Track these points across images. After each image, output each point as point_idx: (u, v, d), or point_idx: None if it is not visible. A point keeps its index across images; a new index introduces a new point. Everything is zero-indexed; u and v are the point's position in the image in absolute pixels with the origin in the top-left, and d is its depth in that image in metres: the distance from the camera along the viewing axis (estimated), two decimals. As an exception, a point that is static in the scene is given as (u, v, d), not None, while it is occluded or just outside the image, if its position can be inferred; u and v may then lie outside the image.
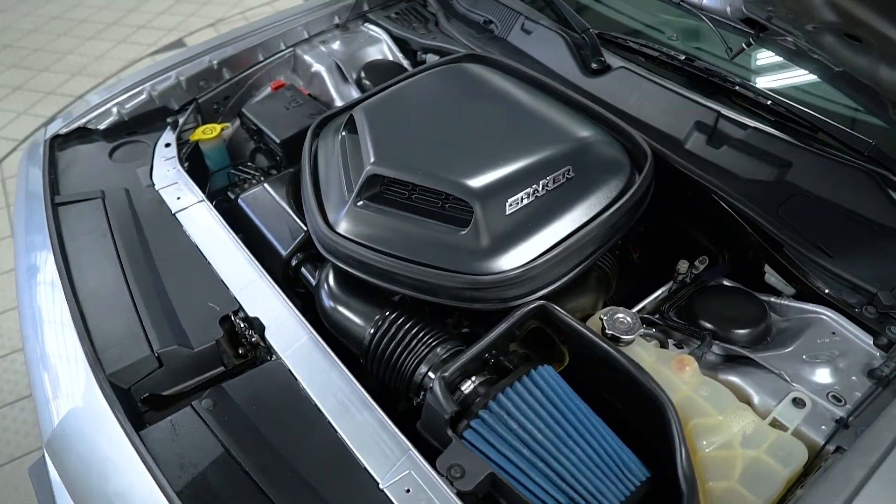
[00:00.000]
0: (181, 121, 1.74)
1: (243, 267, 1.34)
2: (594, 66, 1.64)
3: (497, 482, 1.00)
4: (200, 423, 1.08)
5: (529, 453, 1.02)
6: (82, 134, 1.73)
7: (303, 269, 1.38)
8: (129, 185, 1.56)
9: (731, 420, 1.04)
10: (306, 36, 2.01)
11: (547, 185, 1.21)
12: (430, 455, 1.05)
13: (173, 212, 1.48)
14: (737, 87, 1.49)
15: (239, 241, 1.39)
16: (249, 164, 1.77)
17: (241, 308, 1.26)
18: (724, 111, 1.45)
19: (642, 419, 1.09)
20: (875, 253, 1.25)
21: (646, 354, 1.14)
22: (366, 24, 2.06)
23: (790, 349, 1.16)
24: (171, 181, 1.56)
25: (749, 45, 1.30)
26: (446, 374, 1.06)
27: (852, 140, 1.34)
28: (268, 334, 1.21)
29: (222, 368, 1.22)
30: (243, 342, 1.26)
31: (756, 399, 1.10)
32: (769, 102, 1.44)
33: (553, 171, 1.22)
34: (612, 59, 1.64)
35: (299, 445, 1.06)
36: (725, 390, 1.09)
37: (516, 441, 1.03)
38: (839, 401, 1.07)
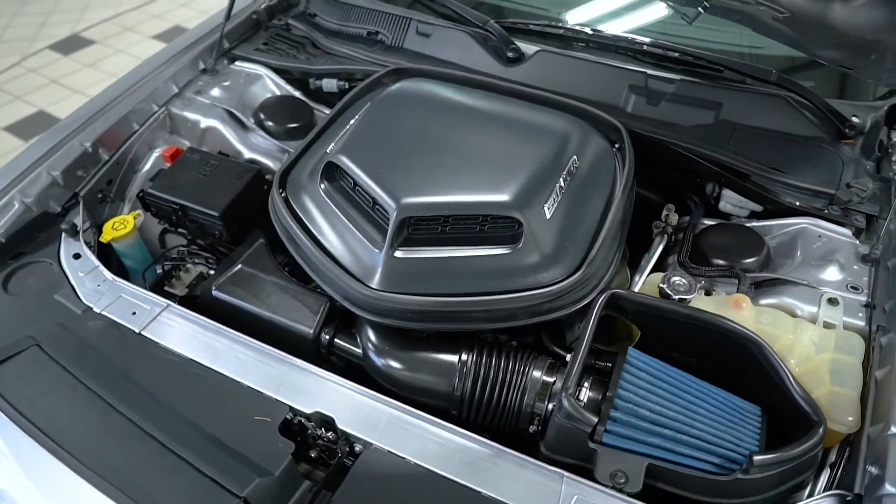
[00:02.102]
0: (78, 222, 1.43)
1: (264, 362, 1.17)
2: (510, 55, 1.67)
3: (654, 470, 1.03)
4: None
5: (670, 432, 1.06)
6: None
7: (337, 342, 1.23)
8: (56, 319, 1.25)
9: (799, 336, 1.18)
10: (176, 90, 1.74)
11: (566, 180, 1.23)
12: (576, 474, 1.03)
13: (137, 331, 1.23)
14: (645, 47, 1.63)
15: (239, 334, 1.20)
16: (181, 248, 1.52)
17: (292, 408, 1.10)
18: (650, 71, 1.58)
19: (728, 365, 1.18)
20: (812, 161, 1.47)
21: (707, 306, 1.23)
22: (236, 63, 1.85)
23: (797, 261, 1.33)
24: (111, 297, 1.28)
25: (706, 8, 1.42)
26: (570, 390, 1.04)
27: (756, 71, 1.55)
28: (341, 424, 1.08)
29: (308, 483, 1.06)
30: (315, 444, 1.10)
31: (800, 311, 1.25)
32: (677, 55, 1.60)
33: (565, 166, 1.24)
34: (523, 46, 1.69)
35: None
36: (780, 313, 1.22)
37: (653, 426, 1.06)
38: (857, 289, 1.26)
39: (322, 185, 1.26)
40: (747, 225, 1.44)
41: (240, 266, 1.30)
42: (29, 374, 1.14)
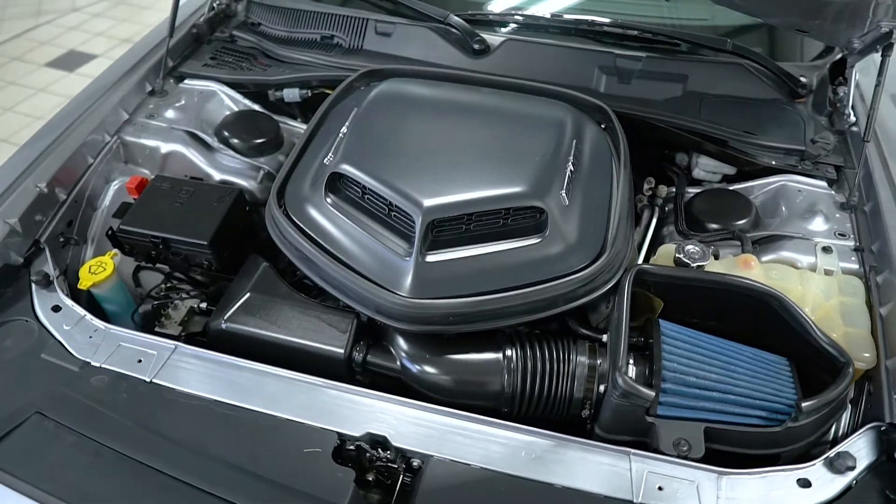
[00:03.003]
0: (49, 271, 1.29)
1: (296, 391, 1.11)
2: (476, 47, 1.66)
3: (710, 433, 1.06)
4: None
5: (717, 394, 1.10)
6: None
7: (371, 359, 1.18)
8: (51, 381, 1.13)
9: (807, 286, 1.25)
10: (126, 116, 1.61)
11: (573, 164, 1.24)
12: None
13: (149, 380, 1.13)
14: (605, 28, 1.67)
15: (262, 365, 1.14)
16: (171, 283, 1.40)
17: (339, 434, 1.05)
18: (617, 51, 1.62)
19: (746, 323, 1.23)
20: (777, 121, 1.56)
21: (718, 269, 1.28)
22: (185, 81, 1.73)
23: (783, 217, 1.41)
24: (109, 347, 1.17)
25: None
26: (623, 369, 1.06)
27: (712, 42, 1.63)
28: (395, 442, 1.04)
29: None
30: (372, 467, 1.06)
31: (799, 263, 1.32)
32: (636, 33, 1.65)
33: (569, 151, 1.25)
34: (487, 37, 1.68)
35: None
36: (785, 267, 1.29)
37: (700, 391, 1.09)
38: (844, 235, 1.35)
39: (329, 199, 1.20)
40: (730, 188, 1.51)
41: (249, 294, 1.22)
42: (39, 447, 1.02)
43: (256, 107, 1.72)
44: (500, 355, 1.13)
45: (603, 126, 1.45)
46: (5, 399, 1.09)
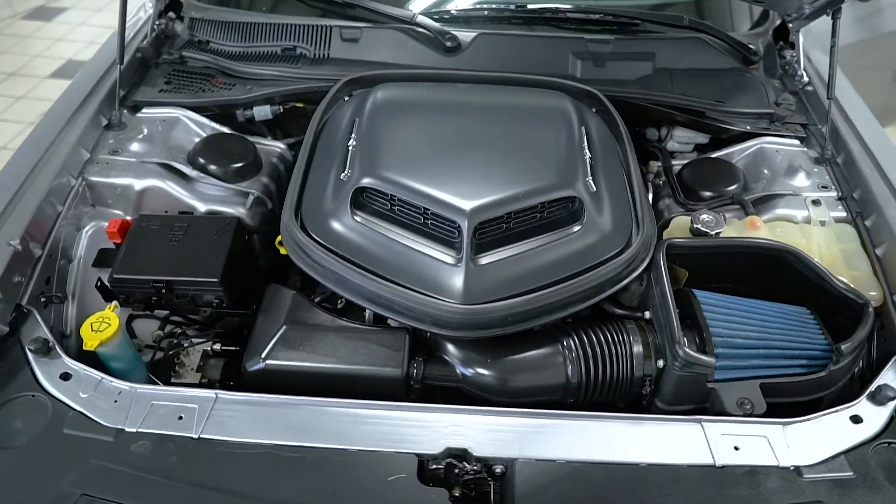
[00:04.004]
0: (46, 336, 1.16)
1: (360, 419, 1.06)
2: (448, 45, 1.65)
3: (765, 388, 1.12)
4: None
5: (762, 350, 1.16)
6: None
7: (429, 373, 1.15)
8: (84, 457, 1.01)
9: (809, 239, 1.34)
10: (87, 155, 1.46)
11: (590, 150, 1.26)
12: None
13: (196, 436, 1.04)
14: (569, 15, 1.70)
15: (315, 399, 1.08)
16: (181, 330, 1.30)
17: (418, 455, 1.02)
18: (587, 36, 1.66)
19: (760, 281, 1.30)
20: (742, 88, 1.66)
21: (728, 232, 1.34)
22: (144, 110, 1.59)
23: (767, 177, 1.51)
24: (142, 409, 1.07)
25: None
26: (681, 344, 1.09)
27: (669, 19, 1.71)
28: (478, 453, 1.02)
29: None
30: (458, 482, 1.03)
31: (795, 218, 1.41)
32: (598, 16, 1.70)
33: (582, 138, 1.28)
34: (457, 33, 1.67)
35: None
36: (786, 223, 1.38)
37: (747, 350, 1.15)
38: (826, 187, 1.46)
39: (357, 216, 1.16)
40: (713, 156, 1.59)
41: (285, 326, 1.15)
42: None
43: (225, 129, 1.61)
44: (558, 347, 1.14)
45: (594, 110, 1.48)
46: (39, 487, 0.97)
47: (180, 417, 1.06)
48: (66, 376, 1.12)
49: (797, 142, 1.57)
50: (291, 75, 1.62)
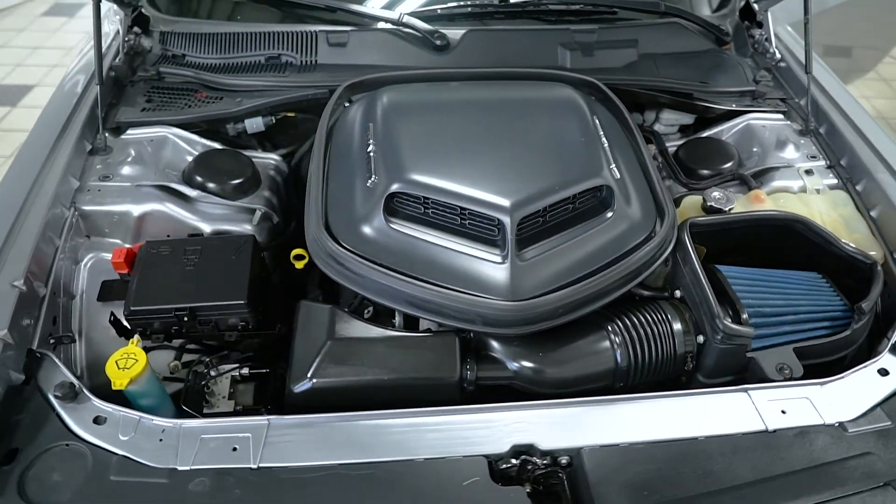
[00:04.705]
0: (72, 379, 1.08)
1: (421, 427, 1.04)
2: (438, 43, 1.64)
3: (798, 351, 1.18)
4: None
5: (789, 317, 1.21)
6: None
7: (482, 374, 1.14)
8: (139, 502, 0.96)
9: (810, 207, 1.41)
10: (77, 184, 1.37)
11: (606, 138, 1.29)
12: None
13: (255, 466, 1.00)
14: (550, 7, 1.72)
15: (373, 413, 1.06)
16: (207, 358, 1.23)
17: (486, 456, 1.01)
18: (572, 27, 1.68)
19: (767, 251, 1.36)
20: (722, 68, 1.73)
21: (738, 207, 1.40)
22: (129, 131, 1.51)
23: (758, 152, 1.58)
24: (191, 445, 1.01)
25: None
26: (721, 316, 1.13)
27: (646, 5, 1.76)
28: (544, 447, 1.03)
29: None
30: (529, 477, 1.03)
31: (791, 188, 1.48)
32: (579, 6, 1.73)
33: (595, 127, 1.30)
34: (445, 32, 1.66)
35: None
36: (787, 194, 1.45)
37: (776, 318, 1.20)
38: (815, 157, 1.54)
39: (393, 223, 1.13)
40: (704, 135, 1.65)
41: (329, 342, 1.12)
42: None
43: (216, 144, 1.55)
44: (603, 334, 1.15)
45: (593, 99, 1.50)
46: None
47: (234, 448, 1.01)
48: (99, 420, 1.05)
49: (781, 116, 1.64)
50: (282, 84, 1.57)
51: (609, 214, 1.17)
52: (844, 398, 1.11)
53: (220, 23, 1.70)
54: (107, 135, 1.50)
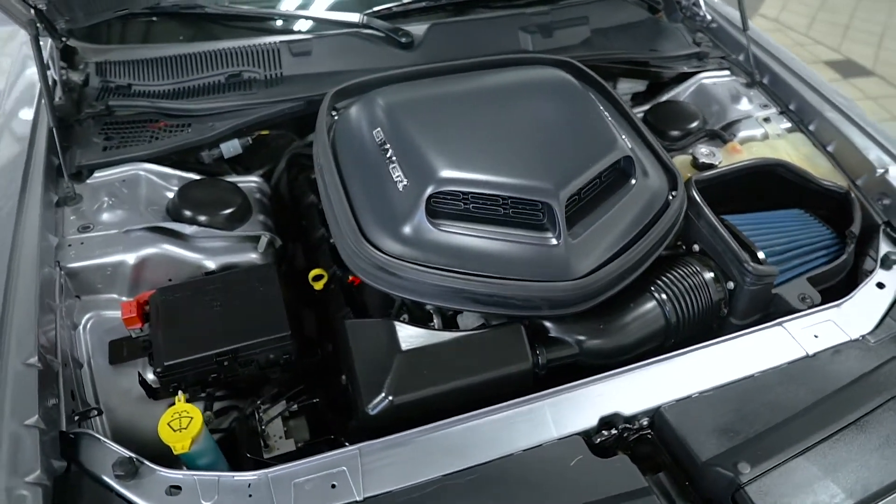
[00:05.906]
0: (125, 453, 0.98)
1: (509, 421, 1.04)
2: (403, 40, 1.61)
3: (811, 280, 1.29)
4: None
5: (794, 252, 1.32)
6: None
7: (542, 358, 1.14)
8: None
9: (778, 151, 1.54)
10: (56, 241, 1.22)
11: (608, 113, 1.33)
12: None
13: (361, 498, 0.95)
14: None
15: (457, 417, 1.04)
16: (260, 402, 1.15)
17: (581, 434, 1.03)
18: (527, 10, 1.71)
19: (750, 196, 1.47)
20: (664, 35, 1.84)
21: (724, 158, 1.50)
22: (95, 174, 1.35)
23: (717, 108, 1.69)
24: (285, 494, 0.94)
25: None
26: (748, 261, 1.21)
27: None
28: (628, 412, 1.06)
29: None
30: (623, 443, 1.06)
31: (755, 136, 1.61)
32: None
33: (597, 105, 1.34)
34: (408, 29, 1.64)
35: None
36: (756, 143, 1.57)
37: (785, 254, 1.31)
38: (767, 106, 1.68)
39: (441, 225, 1.11)
40: (665, 99, 1.75)
41: (399, 356, 1.08)
42: None
43: (193, 175, 1.44)
44: (649, 295, 1.20)
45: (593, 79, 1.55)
46: None
47: (333, 485, 0.96)
48: (173, 490, 0.95)
49: (727, 73, 1.78)
50: (252, 102, 1.48)
51: (633, 182, 1.22)
52: (858, 314, 1.23)
53: (164, 45, 1.57)
54: (73, 182, 1.35)
